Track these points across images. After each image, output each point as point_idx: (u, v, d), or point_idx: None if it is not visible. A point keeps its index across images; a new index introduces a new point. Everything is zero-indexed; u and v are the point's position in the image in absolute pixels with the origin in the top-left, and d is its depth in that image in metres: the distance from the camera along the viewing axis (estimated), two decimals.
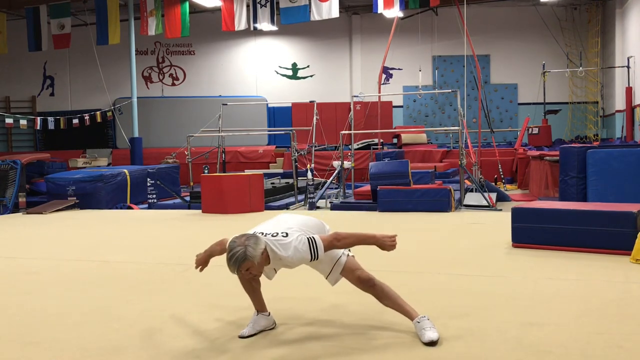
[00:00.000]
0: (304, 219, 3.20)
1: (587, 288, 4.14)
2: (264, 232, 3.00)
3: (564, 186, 8.50)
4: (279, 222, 3.12)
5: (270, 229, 3.03)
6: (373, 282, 3.11)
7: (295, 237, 2.94)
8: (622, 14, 17.51)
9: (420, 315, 3.11)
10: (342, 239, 2.99)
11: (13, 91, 22.00)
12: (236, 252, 2.79)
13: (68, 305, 4.00)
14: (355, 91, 19.40)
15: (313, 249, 2.92)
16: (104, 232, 7.79)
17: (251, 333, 3.21)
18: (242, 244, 2.81)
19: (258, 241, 2.85)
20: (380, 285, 3.12)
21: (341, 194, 11.75)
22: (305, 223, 3.15)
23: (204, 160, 15.31)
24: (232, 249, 2.81)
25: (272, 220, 3.19)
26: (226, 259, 2.82)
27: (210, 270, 5.11)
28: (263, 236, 2.93)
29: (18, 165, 11.71)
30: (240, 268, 2.81)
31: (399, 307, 3.15)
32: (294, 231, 2.99)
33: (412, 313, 3.13)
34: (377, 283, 3.12)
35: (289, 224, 3.08)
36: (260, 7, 15.55)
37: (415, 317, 3.10)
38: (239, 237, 2.89)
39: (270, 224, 3.13)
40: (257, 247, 2.82)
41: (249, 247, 2.79)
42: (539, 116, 17.86)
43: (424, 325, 3.06)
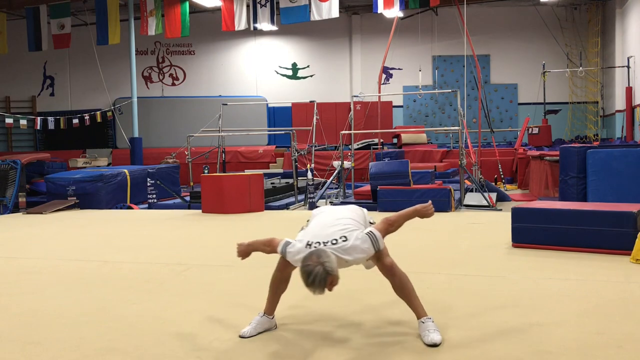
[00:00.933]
0: (346, 211, 3.23)
1: (587, 288, 4.14)
2: (320, 241, 2.97)
3: (564, 186, 8.50)
4: (329, 224, 3.08)
5: (325, 235, 3.00)
6: (394, 271, 3.11)
7: (354, 237, 2.96)
8: (622, 14, 17.51)
9: (426, 317, 3.12)
10: (394, 223, 3.12)
11: (13, 91, 22.01)
12: (317, 273, 2.72)
13: (68, 305, 4.00)
14: (355, 91, 19.41)
15: (374, 243, 2.98)
16: (104, 232, 7.79)
17: (252, 334, 3.21)
18: (318, 263, 2.75)
19: (329, 254, 2.82)
20: (400, 276, 3.12)
21: (341, 194, 11.75)
22: (350, 214, 3.18)
23: (204, 160, 15.31)
24: (311, 271, 2.74)
25: (318, 223, 3.16)
26: (307, 284, 2.75)
27: (211, 270, 5.12)
28: (323, 246, 2.92)
29: (18, 165, 11.71)
30: (326, 286, 2.78)
31: (410, 302, 3.15)
32: (350, 231, 3.00)
33: (420, 311, 3.13)
34: (398, 273, 3.12)
35: (340, 222, 3.07)
36: (260, 7, 15.55)
37: (422, 317, 3.12)
38: (308, 257, 2.82)
39: (320, 228, 3.08)
40: (331, 259, 2.79)
41: (326, 263, 2.75)
42: (539, 116, 17.87)
43: (428, 326, 3.07)
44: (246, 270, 5.05)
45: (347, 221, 3.10)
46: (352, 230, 3.02)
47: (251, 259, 5.53)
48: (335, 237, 2.96)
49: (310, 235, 3.04)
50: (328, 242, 2.94)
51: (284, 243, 3.11)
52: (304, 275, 2.77)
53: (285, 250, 3.07)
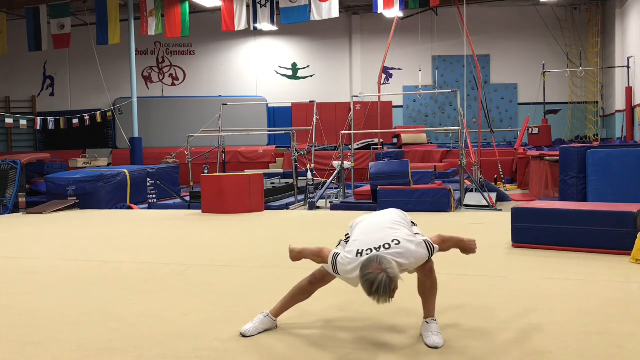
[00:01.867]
0: (391, 214, 3.18)
1: (587, 288, 4.14)
2: (371, 247, 2.84)
3: (564, 186, 8.50)
4: (377, 229, 2.99)
5: (374, 241, 2.88)
6: (432, 274, 3.08)
7: (410, 241, 2.90)
8: (622, 14, 17.51)
9: (431, 317, 3.11)
10: (446, 241, 3.14)
11: (13, 91, 22.01)
12: (381, 280, 2.61)
13: (68, 305, 4.00)
14: (355, 91, 19.41)
15: (430, 249, 2.94)
16: (104, 232, 7.79)
17: (253, 333, 3.20)
18: (380, 269, 2.64)
19: (389, 260, 2.72)
20: (433, 280, 3.10)
21: (341, 194, 11.75)
22: (395, 217, 3.14)
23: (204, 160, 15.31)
24: (374, 280, 2.62)
25: (364, 230, 3.03)
26: (371, 292, 2.63)
27: (211, 270, 5.12)
28: (376, 252, 2.81)
29: (18, 165, 11.71)
30: (392, 293, 2.69)
31: (427, 301, 3.14)
32: (401, 234, 2.93)
33: (430, 312, 3.13)
34: (434, 277, 3.10)
35: (388, 226, 2.99)
36: (260, 7, 15.55)
37: (428, 317, 3.11)
38: (368, 265, 2.69)
39: (367, 234, 2.96)
40: (392, 265, 2.69)
41: (388, 269, 2.65)
42: (539, 116, 17.87)
43: (431, 327, 3.06)
44: (246, 270, 5.06)
45: (395, 223, 3.02)
46: (402, 232, 2.94)
47: (251, 259, 5.55)
48: (387, 241, 2.85)
49: (359, 244, 2.89)
50: (380, 247, 2.82)
51: (332, 255, 2.97)
52: (366, 284, 2.64)
53: (336, 262, 2.92)
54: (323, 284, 3.19)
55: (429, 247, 2.93)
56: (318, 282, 3.17)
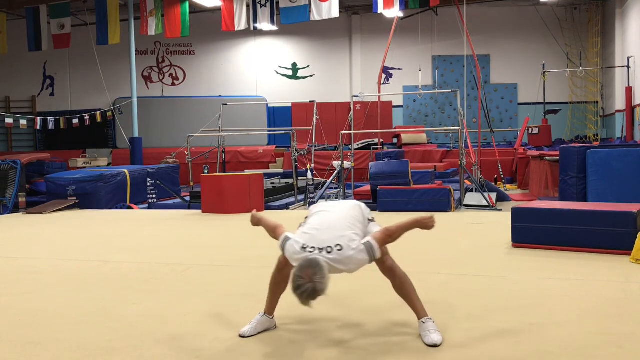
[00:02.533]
0: (345, 211, 3.16)
1: (587, 288, 4.14)
2: (315, 246, 2.90)
3: (564, 186, 8.50)
4: (327, 227, 3.01)
5: (320, 241, 2.92)
6: (394, 272, 3.12)
7: (351, 247, 2.90)
8: (622, 14, 17.51)
9: (427, 317, 3.12)
10: (393, 234, 3.06)
11: (13, 91, 22.00)
12: (306, 289, 2.70)
13: (68, 305, 4.00)
14: (355, 91, 19.40)
15: (370, 254, 2.94)
16: (104, 232, 7.79)
17: (252, 333, 3.21)
18: (310, 280, 2.70)
19: (324, 273, 2.75)
20: (400, 276, 3.13)
21: (341, 194, 11.74)
22: (348, 215, 3.12)
23: (204, 160, 15.30)
24: (301, 285, 2.70)
25: (316, 223, 3.07)
26: (294, 292, 2.73)
27: (211, 270, 5.12)
28: (318, 254, 2.86)
29: (18, 165, 11.71)
30: (310, 303, 2.76)
31: (411, 302, 3.15)
32: (346, 239, 2.93)
33: (421, 312, 3.13)
34: (399, 274, 3.13)
35: (337, 226, 3.00)
36: (260, 7, 15.55)
37: (422, 317, 3.11)
38: (304, 268, 2.75)
39: (317, 230, 3.00)
40: (324, 281, 2.73)
41: (317, 283, 2.70)
42: (539, 116, 17.87)
43: (428, 327, 3.07)
44: (246, 270, 5.06)
45: (345, 224, 3.03)
46: (349, 236, 2.95)
47: (251, 259, 5.55)
48: (331, 245, 2.89)
49: (307, 238, 2.98)
50: (323, 250, 2.88)
51: (284, 237, 3.07)
52: (293, 284, 2.74)
53: (285, 245, 3.04)
54: (290, 267, 3.16)
55: (369, 250, 2.93)
56: (284, 267, 3.18)
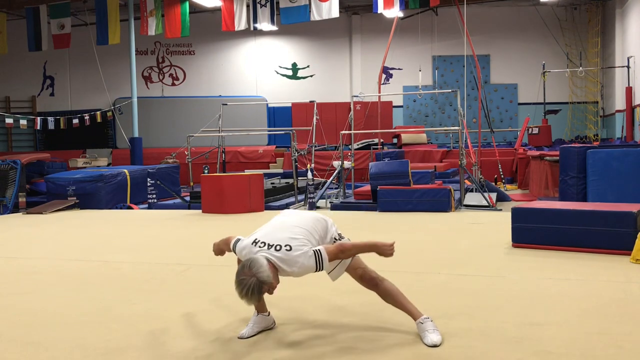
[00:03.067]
0: (307, 220, 3.12)
1: (587, 288, 4.14)
2: (266, 242, 2.92)
3: (564, 186, 8.51)
4: (282, 228, 3.02)
5: (273, 238, 2.93)
6: (376, 281, 3.11)
7: (300, 250, 2.87)
8: (622, 14, 17.51)
9: (424, 317, 3.10)
10: (346, 250, 2.98)
11: (13, 91, 22.00)
12: (250, 284, 2.69)
13: (68, 305, 4.00)
14: (355, 91, 19.40)
15: (318, 262, 2.88)
16: (104, 232, 7.79)
17: (251, 334, 3.21)
18: (251, 274, 2.71)
19: (261, 264, 2.75)
20: (383, 285, 3.11)
21: (341, 194, 11.75)
22: (308, 224, 3.07)
23: (204, 160, 15.31)
24: (245, 284, 2.70)
25: (274, 223, 3.11)
26: (241, 295, 2.71)
27: (211, 270, 5.12)
28: (266, 249, 2.87)
29: (18, 165, 11.71)
30: (261, 296, 2.77)
31: (402, 307, 3.14)
32: (298, 242, 2.91)
33: (415, 313, 3.12)
34: (380, 282, 3.11)
35: (292, 230, 2.99)
36: (260, 7, 15.55)
37: (419, 318, 3.10)
38: (242, 270, 2.75)
39: (273, 228, 3.04)
40: (262, 269, 2.73)
41: (258, 274, 2.71)
42: (539, 116, 17.87)
43: (427, 327, 3.05)
44: None
45: (301, 230, 3.00)
46: (301, 241, 2.92)
47: None
48: (281, 244, 2.88)
49: (261, 234, 3.01)
50: (272, 247, 2.87)
51: (235, 240, 3.12)
52: (237, 287, 2.71)
53: (235, 245, 3.08)
54: None
55: (318, 258, 2.87)
56: None
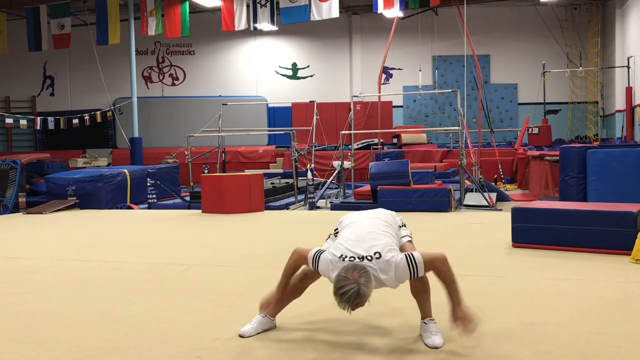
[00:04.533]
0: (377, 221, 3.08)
1: (587, 288, 4.14)
2: (355, 257, 2.81)
3: (564, 186, 8.51)
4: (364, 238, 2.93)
5: (361, 250, 2.85)
6: (422, 278, 3.02)
7: (390, 256, 2.82)
8: (622, 14, 17.51)
9: (429, 318, 3.09)
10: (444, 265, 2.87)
11: (13, 91, 22.00)
12: (350, 290, 2.60)
13: (68, 305, 3.99)
14: (355, 91, 19.40)
15: (413, 269, 2.82)
16: (104, 232, 7.79)
17: (252, 334, 3.20)
18: (356, 281, 2.62)
19: (370, 278, 2.68)
20: (423, 282, 3.03)
21: (341, 194, 11.75)
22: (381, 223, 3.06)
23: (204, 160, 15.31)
24: (345, 286, 2.61)
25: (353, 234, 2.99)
26: (336, 294, 2.65)
27: (211, 270, 5.12)
28: (360, 261, 2.79)
29: (18, 165, 11.71)
30: (354, 306, 2.67)
31: (420, 301, 3.11)
32: (384, 248, 2.86)
33: (427, 312, 3.10)
34: (423, 279, 3.03)
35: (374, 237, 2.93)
36: (260, 7, 15.55)
37: (426, 318, 3.09)
38: (350, 270, 2.67)
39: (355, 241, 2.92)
40: (369, 285, 2.66)
41: (362, 285, 2.62)
42: (539, 116, 17.87)
43: (430, 328, 3.05)
44: (246, 270, 5.06)
45: (378, 232, 2.97)
46: (385, 243, 2.89)
47: (251, 259, 5.55)
48: (370, 254, 2.82)
49: (344, 248, 2.89)
50: (363, 259, 2.80)
51: (315, 251, 2.98)
52: (337, 285, 2.65)
53: (319, 258, 2.94)
54: (313, 280, 3.19)
55: (411, 265, 2.81)
56: (308, 278, 3.17)
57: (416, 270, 2.83)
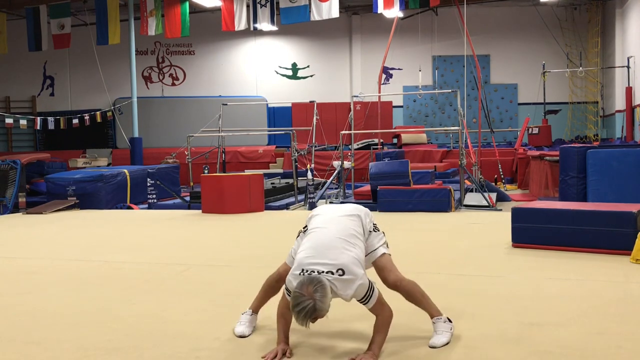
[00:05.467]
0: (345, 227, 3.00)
1: (587, 288, 4.14)
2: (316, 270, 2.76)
3: (564, 186, 8.51)
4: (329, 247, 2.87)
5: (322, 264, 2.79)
6: (399, 286, 3.05)
7: (351, 277, 2.76)
8: (622, 14, 17.51)
9: (437, 317, 3.08)
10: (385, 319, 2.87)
11: (13, 91, 22.00)
12: (305, 306, 2.60)
13: (68, 305, 4.00)
14: (355, 91, 19.40)
15: (366, 298, 2.81)
16: (104, 232, 7.79)
17: (250, 332, 3.23)
18: (311, 297, 2.60)
19: (325, 291, 2.65)
20: (405, 288, 3.05)
21: (341, 194, 11.75)
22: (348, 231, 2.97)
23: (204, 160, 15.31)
24: (300, 302, 2.60)
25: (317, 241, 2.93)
26: (292, 309, 2.64)
27: (211, 270, 5.12)
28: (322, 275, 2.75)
29: (18, 165, 11.70)
30: (313, 320, 2.66)
31: (421, 306, 3.11)
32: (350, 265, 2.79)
33: (432, 311, 3.10)
34: (404, 286, 3.05)
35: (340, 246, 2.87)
36: (260, 7, 15.55)
37: (433, 317, 3.09)
38: (305, 285, 2.65)
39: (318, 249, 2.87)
40: (325, 299, 2.64)
41: (318, 301, 2.61)
42: (539, 116, 17.87)
43: (437, 327, 3.05)
44: (246, 270, 5.06)
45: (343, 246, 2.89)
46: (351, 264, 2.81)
47: (251, 259, 5.55)
48: (332, 270, 2.76)
49: (306, 261, 2.83)
50: (323, 273, 2.75)
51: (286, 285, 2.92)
52: (293, 301, 2.65)
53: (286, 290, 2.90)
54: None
55: (368, 294, 2.80)
56: (283, 280, 3.13)
57: (368, 300, 2.82)
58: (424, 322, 3.14)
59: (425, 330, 3.11)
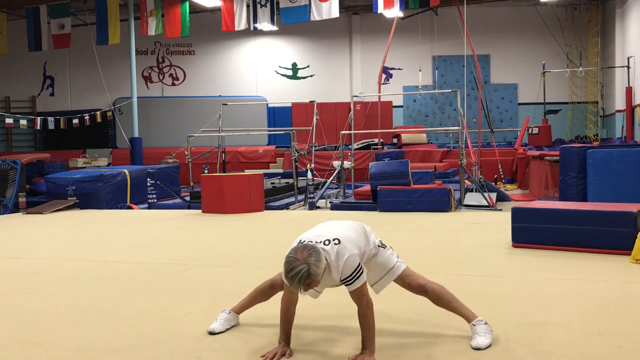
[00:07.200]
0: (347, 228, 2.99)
1: (587, 288, 4.14)
2: (313, 240, 2.76)
3: (564, 186, 8.51)
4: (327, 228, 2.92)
5: (317, 235, 2.81)
6: (425, 288, 3.03)
7: (348, 248, 2.74)
8: (622, 14, 17.51)
9: (477, 319, 3.05)
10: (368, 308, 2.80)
11: (13, 91, 22.01)
12: (299, 270, 2.54)
13: (68, 305, 3.99)
14: (355, 91, 19.41)
15: (353, 277, 2.73)
16: (104, 232, 7.79)
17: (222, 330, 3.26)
18: (305, 261, 2.56)
19: (320, 256, 2.61)
20: (433, 290, 3.04)
21: (341, 194, 11.75)
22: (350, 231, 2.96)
23: (204, 160, 15.31)
24: (295, 266, 2.55)
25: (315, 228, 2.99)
26: (286, 276, 2.59)
27: (211, 270, 5.12)
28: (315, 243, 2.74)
29: (18, 165, 11.71)
30: (306, 287, 2.61)
31: (454, 310, 3.09)
32: (348, 239, 2.80)
33: (469, 316, 3.08)
34: (430, 288, 3.03)
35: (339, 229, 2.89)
36: (260, 7, 15.55)
37: (472, 320, 3.06)
38: (300, 250, 2.63)
39: (316, 230, 2.92)
40: (319, 264, 2.59)
41: (312, 265, 2.56)
42: (539, 116, 17.87)
43: (477, 329, 3.01)
44: (246, 270, 5.06)
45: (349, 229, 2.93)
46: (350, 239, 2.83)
47: (251, 259, 5.55)
48: (329, 238, 2.76)
49: (304, 236, 2.87)
50: (320, 242, 2.74)
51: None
52: (286, 266, 2.60)
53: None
54: (281, 290, 3.11)
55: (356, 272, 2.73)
56: (278, 287, 3.15)
57: (354, 281, 2.74)
58: (424, 322, 3.14)
59: (425, 330, 3.11)
